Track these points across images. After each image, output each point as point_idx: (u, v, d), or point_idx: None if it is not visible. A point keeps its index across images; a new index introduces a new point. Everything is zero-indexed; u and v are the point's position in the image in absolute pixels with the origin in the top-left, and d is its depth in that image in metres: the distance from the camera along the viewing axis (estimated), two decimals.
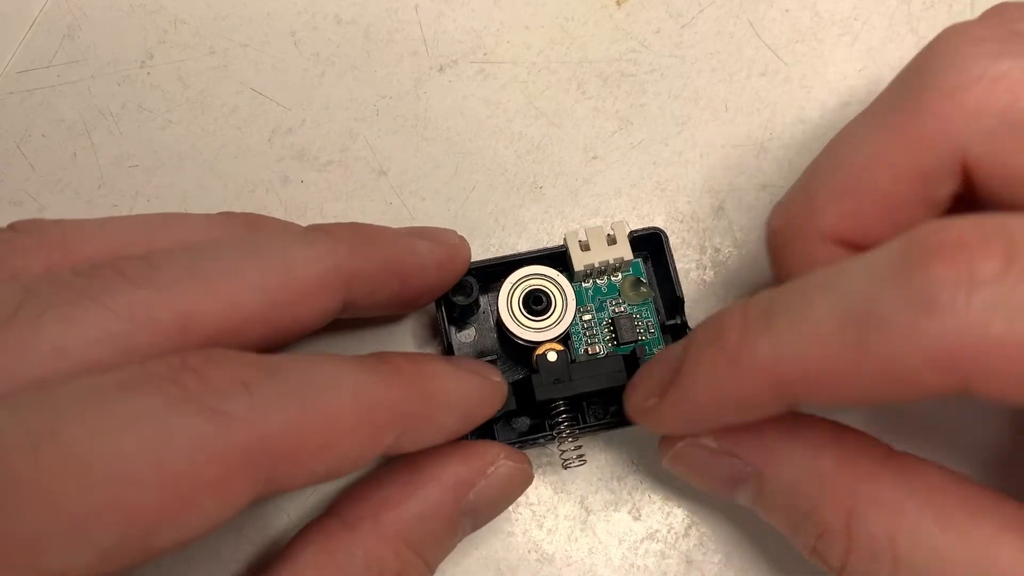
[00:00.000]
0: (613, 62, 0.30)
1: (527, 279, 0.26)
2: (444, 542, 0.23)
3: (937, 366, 0.16)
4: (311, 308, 0.20)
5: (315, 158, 0.29)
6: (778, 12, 0.31)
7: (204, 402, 0.16)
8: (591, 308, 0.27)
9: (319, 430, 0.17)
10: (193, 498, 0.15)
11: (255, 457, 0.16)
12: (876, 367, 0.16)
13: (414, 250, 0.23)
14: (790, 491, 0.21)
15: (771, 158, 0.29)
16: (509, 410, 0.24)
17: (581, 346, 0.26)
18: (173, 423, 0.15)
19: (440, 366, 0.22)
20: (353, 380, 0.19)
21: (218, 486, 0.16)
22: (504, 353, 0.27)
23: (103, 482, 0.14)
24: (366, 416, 0.18)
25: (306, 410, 0.17)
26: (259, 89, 0.30)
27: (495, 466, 0.23)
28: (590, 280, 0.27)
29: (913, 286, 0.16)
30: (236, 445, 0.16)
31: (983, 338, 0.15)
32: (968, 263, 0.15)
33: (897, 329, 0.16)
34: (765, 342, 0.18)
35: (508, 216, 0.29)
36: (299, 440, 0.17)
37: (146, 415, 0.15)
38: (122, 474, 0.15)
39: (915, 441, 0.26)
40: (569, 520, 0.26)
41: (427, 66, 0.30)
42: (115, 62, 0.30)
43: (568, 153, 0.30)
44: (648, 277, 0.27)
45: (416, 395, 0.20)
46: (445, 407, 0.21)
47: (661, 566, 0.26)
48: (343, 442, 0.18)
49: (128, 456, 0.15)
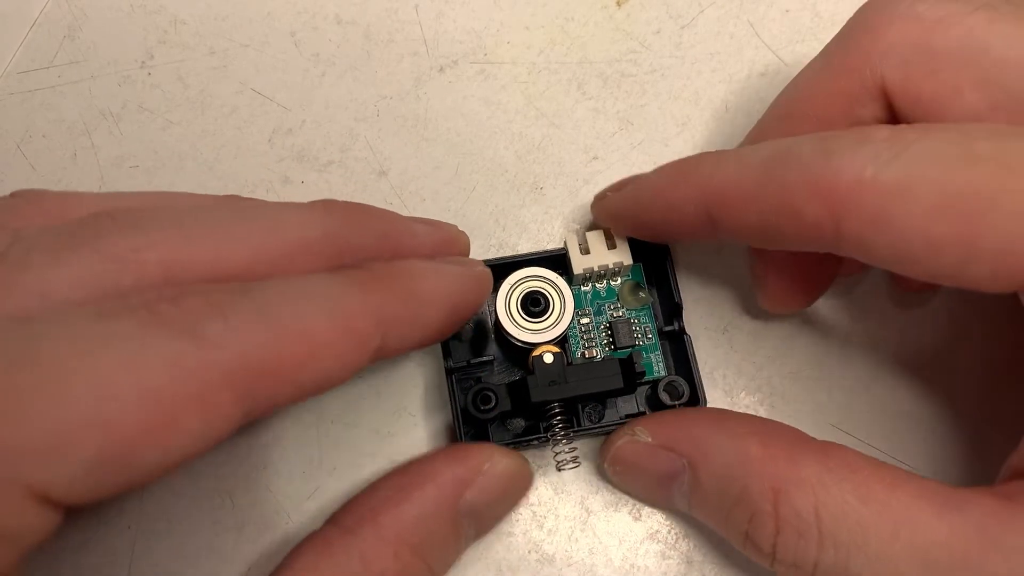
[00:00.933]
0: (613, 62, 0.30)
1: (526, 280, 0.26)
2: (447, 544, 0.23)
3: (816, 196, 0.19)
4: (298, 269, 0.20)
5: (315, 158, 0.29)
6: (778, 12, 0.31)
7: (180, 325, 0.16)
8: (589, 311, 0.27)
9: (298, 345, 0.17)
10: (174, 415, 0.16)
11: (235, 375, 0.16)
12: (773, 191, 0.20)
13: (412, 231, 0.23)
14: (721, 477, 0.22)
15: None
16: (504, 411, 0.24)
17: (578, 349, 0.26)
18: (150, 343, 0.16)
19: (419, 265, 0.22)
20: (328, 291, 0.19)
21: (199, 403, 0.16)
22: (501, 354, 0.27)
23: (81, 398, 0.15)
24: (345, 325, 0.18)
25: (283, 327, 0.17)
26: (259, 89, 0.30)
27: (490, 463, 0.23)
28: (589, 284, 0.27)
29: (825, 141, 0.20)
30: (214, 363, 0.16)
31: (855, 180, 0.19)
32: (865, 132, 0.19)
33: (798, 164, 0.20)
34: (708, 162, 0.22)
35: (508, 216, 0.29)
36: (278, 357, 0.17)
37: (123, 336, 0.16)
38: (100, 390, 0.15)
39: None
40: (569, 520, 0.26)
41: (427, 66, 0.30)
42: (115, 62, 0.30)
43: (568, 153, 0.30)
44: (647, 282, 0.27)
45: (396, 297, 0.20)
46: (429, 304, 0.21)
47: (661, 566, 0.26)
48: (325, 354, 0.18)
49: (106, 373, 0.15)
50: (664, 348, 0.27)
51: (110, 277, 0.17)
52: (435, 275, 0.22)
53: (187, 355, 0.16)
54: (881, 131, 0.19)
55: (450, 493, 0.22)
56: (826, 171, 0.19)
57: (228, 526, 0.26)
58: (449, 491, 0.22)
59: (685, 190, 0.23)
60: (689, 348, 0.26)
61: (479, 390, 0.25)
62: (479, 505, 0.23)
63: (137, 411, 0.15)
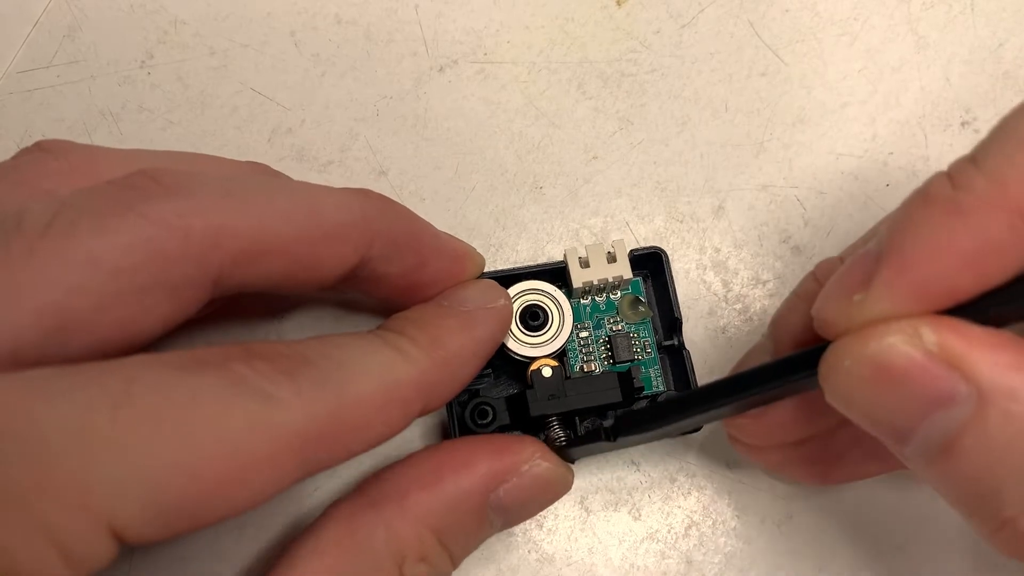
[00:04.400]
0: (613, 62, 0.30)
1: (525, 294, 0.25)
2: (471, 536, 0.22)
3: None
4: (334, 252, 0.21)
5: (315, 158, 0.29)
6: (778, 12, 0.31)
7: (256, 386, 0.17)
8: (588, 325, 0.27)
9: (354, 413, 0.18)
10: (247, 470, 0.16)
11: (300, 438, 0.17)
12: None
13: (436, 235, 0.24)
14: (1016, 432, 0.16)
15: (771, 158, 0.29)
16: (502, 424, 0.24)
17: (577, 363, 0.26)
18: (232, 401, 0.16)
19: (452, 325, 0.22)
20: (377, 360, 0.20)
21: (269, 463, 0.17)
22: (499, 367, 0.26)
23: (172, 445, 0.15)
24: (394, 394, 0.19)
25: (342, 396, 0.18)
26: (259, 89, 0.30)
27: (529, 464, 0.22)
28: (588, 297, 0.27)
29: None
30: (284, 425, 0.17)
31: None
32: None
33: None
34: (982, 176, 0.17)
35: (508, 216, 0.29)
36: (338, 424, 0.18)
37: (208, 391, 0.16)
38: (189, 440, 0.16)
39: None
40: (569, 520, 0.26)
41: (427, 66, 0.30)
42: (115, 62, 0.30)
43: (568, 153, 0.30)
44: (647, 296, 0.27)
45: (436, 365, 0.21)
46: (463, 366, 0.22)
47: (661, 566, 0.26)
48: (376, 420, 0.19)
49: (194, 425, 0.16)
50: (663, 362, 0.26)
51: (157, 243, 0.18)
52: (469, 337, 0.22)
53: (263, 417, 0.17)
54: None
55: (483, 486, 0.22)
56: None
57: (228, 526, 0.26)
58: (483, 484, 0.22)
59: (980, 220, 0.17)
60: (688, 363, 0.25)
61: (477, 404, 0.24)
62: (510, 504, 0.22)
63: (218, 464, 0.16)
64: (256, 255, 0.19)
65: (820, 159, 0.29)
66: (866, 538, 0.26)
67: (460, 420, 0.25)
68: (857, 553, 0.26)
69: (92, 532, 0.15)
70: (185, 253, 0.18)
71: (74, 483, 0.15)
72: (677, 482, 0.27)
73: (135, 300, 0.18)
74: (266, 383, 0.17)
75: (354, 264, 0.21)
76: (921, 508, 0.27)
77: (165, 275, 0.18)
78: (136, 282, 0.18)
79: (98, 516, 0.15)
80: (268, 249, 0.19)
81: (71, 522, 0.15)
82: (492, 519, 0.22)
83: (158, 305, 0.18)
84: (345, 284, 0.22)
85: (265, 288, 0.20)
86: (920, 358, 0.17)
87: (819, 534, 0.26)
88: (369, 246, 0.21)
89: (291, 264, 0.20)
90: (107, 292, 0.17)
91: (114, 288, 0.17)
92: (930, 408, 0.17)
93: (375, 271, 0.22)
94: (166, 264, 0.18)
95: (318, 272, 0.21)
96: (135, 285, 0.18)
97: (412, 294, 0.24)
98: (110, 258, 0.17)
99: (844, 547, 0.26)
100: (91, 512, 0.15)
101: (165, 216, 0.18)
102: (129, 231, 0.17)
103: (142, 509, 0.15)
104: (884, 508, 0.27)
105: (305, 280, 0.21)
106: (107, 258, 0.17)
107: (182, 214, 0.18)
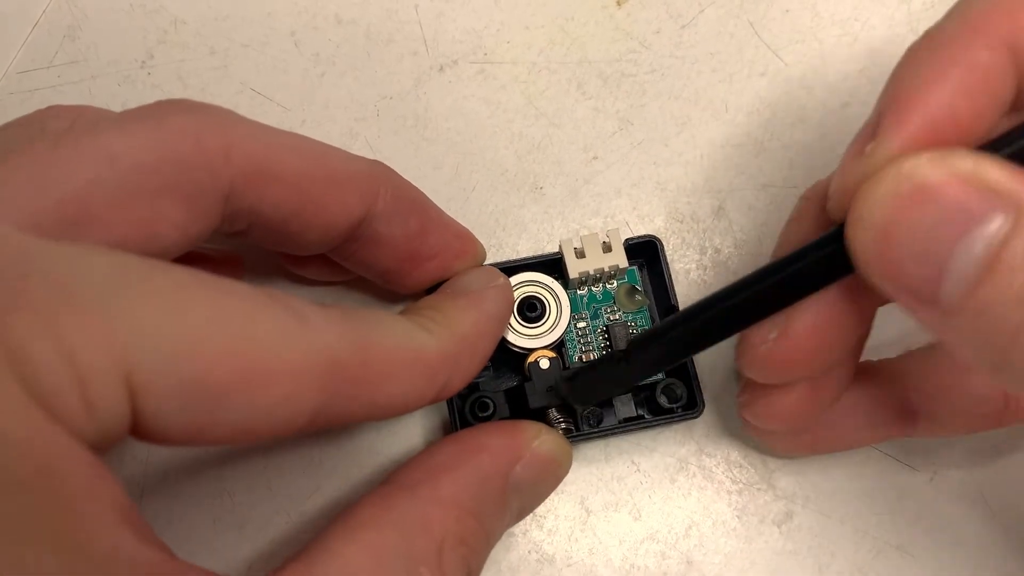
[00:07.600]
0: (613, 62, 0.30)
1: (522, 285, 0.25)
2: (497, 515, 0.22)
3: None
4: (340, 198, 0.22)
5: None
6: (778, 12, 0.31)
7: (290, 304, 0.17)
8: (585, 315, 0.27)
9: (380, 356, 0.19)
10: (270, 377, 0.16)
11: (326, 362, 0.17)
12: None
13: (441, 211, 0.25)
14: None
15: (771, 158, 0.29)
16: (503, 417, 0.24)
17: (575, 353, 0.26)
18: (268, 306, 0.17)
19: (463, 304, 0.23)
20: (404, 326, 0.20)
21: (291, 377, 0.16)
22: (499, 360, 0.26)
23: (203, 321, 0.15)
24: (420, 356, 0.20)
25: (369, 337, 0.18)
26: (259, 89, 0.30)
27: (538, 440, 0.23)
28: (585, 287, 0.27)
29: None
30: (313, 344, 0.17)
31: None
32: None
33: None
34: (950, 21, 0.19)
35: (508, 216, 0.29)
36: (363, 361, 0.18)
37: (244, 291, 0.17)
38: (219, 326, 0.16)
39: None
40: (569, 520, 0.26)
41: (427, 66, 0.30)
42: (115, 62, 0.30)
43: (568, 153, 0.30)
44: (643, 285, 0.27)
45: (456, 341, 0.21)
46: (479, 340, 0.22)
47: (661, 566, 0.26)
48: (402, 375, 0.19)
49: (227, 314, 0.16)
50: None
51: (173, 145, 0.19)
52: (487, 325, 0.23)
53: (293, 327, 0.17)
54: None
55: (503, 464, 0.22)
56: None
57: (229, 525, 0.26)
58: (502, 462, 0.22)
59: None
60: None
61: (477, 397, 0.25)
62: (525, 482, 0.22)
63: (243, 358, 0.16)
64: (266, 179, 0.20)
65: (820, 159, 0.29)
66: (866, 538, 0.26)
67: (460, 414, 0.25)
68: (857, 553, 0.26)
69: (109, 375, 0.14)
70: (198, 160, 0.19)
71: (101, 314, 0.14)
72: (677, 482, 0.27)
73: (150, 202, 0.19)
74: (299, 305, 0.17)
75: (359, 216, 0.22)
76: (921, 508, 0.27)
77: (178, 179, 0.19)
78: (152, 183, 0.19)
79: (118, 360, 0.14)
80: (277, 176, 0.20)
81: (91, 352, 0.14)
82: (511, 503, 0.22)
83: (173, 210, 0.19)
84: (349, 247, 0.23)
85: (275, 222, 0.21)
86: (954, 176, 0.16)
87: (819, 534, 0.26)
88: (374, 200, 0.22)
89: (299, 197, 0.21)
90: (124, 189, 0.18)
91: (132, 185, 0.19)
92: (968, 224, 0.16)
93: (378, 231, 0.23)
94: (180, 167, 0.19)
95: (325, 216, 0.22)
96: (151, 186, 0.19)
97: (414, 266, 0.24)
98: (128, 155, 0.18)
99: (844, 547, 0.26)
100: (112, 351, 0.14)
101: (183, 126, 0.19)
102: (146, 134, 0.19)
103: (162, 373, 0.15)
104: (884, 508, 0.27)
105: (313, 222, 0.22)
106: (125, 155, 0.18)
107: (199, 129, 0.19)
